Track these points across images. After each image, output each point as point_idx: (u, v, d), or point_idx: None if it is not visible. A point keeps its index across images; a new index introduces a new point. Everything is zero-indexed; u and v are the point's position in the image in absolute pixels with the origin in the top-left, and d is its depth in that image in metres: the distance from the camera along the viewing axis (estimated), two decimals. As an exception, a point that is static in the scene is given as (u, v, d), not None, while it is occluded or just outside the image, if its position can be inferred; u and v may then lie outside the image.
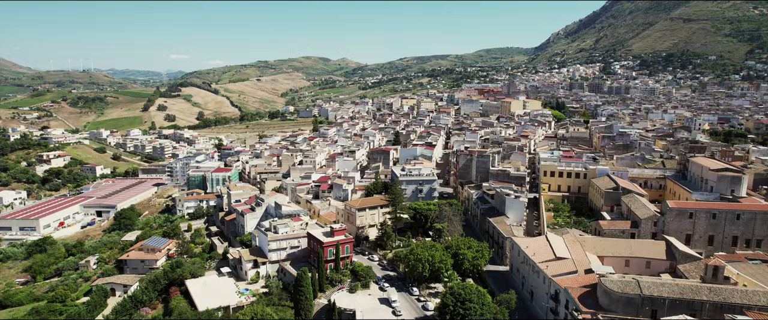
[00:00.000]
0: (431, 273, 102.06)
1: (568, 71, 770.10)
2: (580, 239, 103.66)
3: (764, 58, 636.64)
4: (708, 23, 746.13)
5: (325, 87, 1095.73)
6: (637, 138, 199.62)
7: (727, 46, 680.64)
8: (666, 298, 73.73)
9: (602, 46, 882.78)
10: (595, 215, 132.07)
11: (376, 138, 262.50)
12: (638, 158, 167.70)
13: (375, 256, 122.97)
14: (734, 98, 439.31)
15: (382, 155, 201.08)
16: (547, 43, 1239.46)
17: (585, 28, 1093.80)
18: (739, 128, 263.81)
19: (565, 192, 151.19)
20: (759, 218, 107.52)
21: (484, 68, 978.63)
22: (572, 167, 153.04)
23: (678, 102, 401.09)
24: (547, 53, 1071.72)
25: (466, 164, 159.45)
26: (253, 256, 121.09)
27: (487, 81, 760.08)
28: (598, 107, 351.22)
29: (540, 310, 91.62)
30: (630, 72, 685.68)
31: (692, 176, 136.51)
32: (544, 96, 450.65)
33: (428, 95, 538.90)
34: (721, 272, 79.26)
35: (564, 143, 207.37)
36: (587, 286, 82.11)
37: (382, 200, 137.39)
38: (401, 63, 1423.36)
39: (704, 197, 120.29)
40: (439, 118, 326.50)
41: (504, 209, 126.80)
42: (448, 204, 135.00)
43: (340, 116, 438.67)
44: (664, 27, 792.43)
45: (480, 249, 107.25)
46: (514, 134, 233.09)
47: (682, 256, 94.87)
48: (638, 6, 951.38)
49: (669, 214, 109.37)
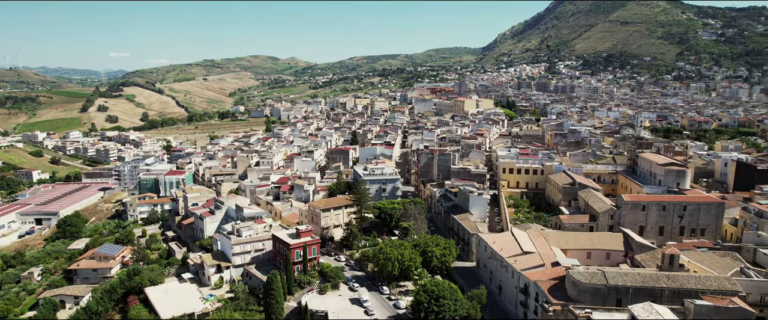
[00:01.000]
0: (401, 272, 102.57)
1: (515, 71, 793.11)
2: (543, 233, 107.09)
3: (692, 59, 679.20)
4: (642, 26, 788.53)
5: (275, 86, 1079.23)
6: (587, 135, 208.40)
7: (659, 48, 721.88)
8: (630, 287, 77.41)
9: (547, 46, 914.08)
10: (554, 210, 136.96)
11: (332, 138, 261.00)
12: (590, 155, 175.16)
13: (342, 257, 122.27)
14: (668, 96, 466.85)
15: (341, 155, 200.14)
16: (494, 44, 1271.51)
17: (530, 29, 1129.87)
18: (676, 124, 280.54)
19: (523, 188, 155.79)
20: (703, 209, 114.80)
21: (434, 68, 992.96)
22: (530, 164, 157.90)
23: (619, 100, 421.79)
24: (494, 53, 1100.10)
25: (427, 162, 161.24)
26: (216, 261, 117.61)
27: (437, 80, 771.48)
28: (547, 105, 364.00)
29: (509, 304, 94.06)
30: (574, 72, 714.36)
31: (641, 171, 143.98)
32: (495, 95, 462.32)
33: (381, 95, 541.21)
34: (676, 260, 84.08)
35: (518, 141, 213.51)
36: (555, 279, 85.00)
37: (346, 200, 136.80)
38: (351, 62, 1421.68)
39: (654, 191, 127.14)
40: (395, 117, 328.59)
41: (468, 206, 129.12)
42: (412, 203, 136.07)
43: (293, 115, 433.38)
44: (603, 29, 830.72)
45: (447, 246, 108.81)
46: (469, 133, 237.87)
47: (638, 247, 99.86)
48: (580, 8, 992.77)
49: (624, 207, 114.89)
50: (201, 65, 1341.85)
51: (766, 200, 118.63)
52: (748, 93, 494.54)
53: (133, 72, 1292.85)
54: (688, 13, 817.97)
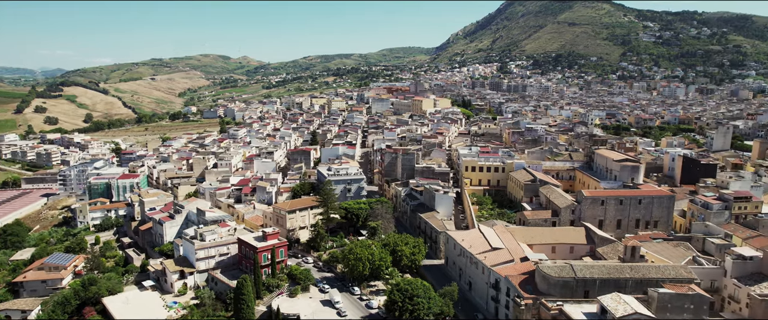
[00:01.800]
0: (371, 272, 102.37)
1: (469, 70, 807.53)
2: (509, 229, 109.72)
3: (634, 60, 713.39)
4: (588, 27, 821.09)
5: (227, 86, 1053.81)
6: (543, 133, 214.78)
7: (605, 49, 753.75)
8: (597, 279, 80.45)
9: (498, 46, 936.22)
10: (516, 206, 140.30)
11: (291, 139, 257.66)
12: (547, 152, 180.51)
13: (309, 258, 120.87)
14: (615, 95, 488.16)
15: (302, 156, 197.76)
16: (447, 43, 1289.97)
17: (482, 30, 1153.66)
18: (624, 122, 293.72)
19: (485, 186, 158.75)
20: (656, 202, 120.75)
21: (389, 67, 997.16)
22: (491, 162, 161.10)
23: (570, 99, 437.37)
24: (447, 53, 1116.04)
25: (391, 162, 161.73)
26: (179, 267, 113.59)
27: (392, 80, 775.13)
28: (502, 104, 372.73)
29: (480, 299, 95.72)
30: (525, 71, 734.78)
31: (598, 167, 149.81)
32: (450, 94, 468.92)
33: (337, 94, 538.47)
34: (637, 251, 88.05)
35: (477, 139, 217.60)
36: (525, 273, 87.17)
37: (312, 201, 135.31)
38: (305, 62, 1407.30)
39: (610, 186, 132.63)
40: (353, 117, 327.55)
41: (434, 204, 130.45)
42: (379, 202, 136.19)
43: (248, 116, 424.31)
44: (552, 30, 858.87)
45: (417, 244, 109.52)
46: (429, 132, 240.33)
47: (600, 240, 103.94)
48: (529, 9, 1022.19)
49: (584, 202, 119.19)
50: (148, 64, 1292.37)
51: (710, 193, 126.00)
52: (685, 92, 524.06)
53: (74, 71, 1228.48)
54: (629, 16, 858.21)
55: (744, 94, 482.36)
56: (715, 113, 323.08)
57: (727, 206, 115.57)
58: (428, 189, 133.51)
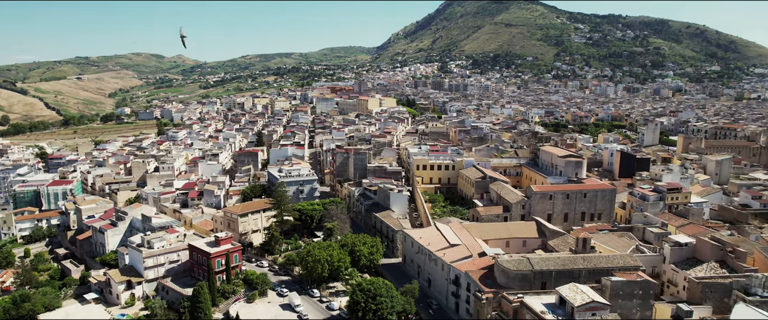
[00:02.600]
0: (330, 273, 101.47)
1: (410, 70, 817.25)
2: (465, 225, 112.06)
3: (567, 60, 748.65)
4: (524, 28, 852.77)
5: (161, 86, 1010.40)
6: (488, 131, 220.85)
7: (540, 49, 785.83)
8: (553, 270, 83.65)
9: (439, 46, 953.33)
10: (467, 203, 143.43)
11: (236, 140, 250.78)
12: (493, 149, 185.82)
13: (264, 262, 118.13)
14: (551, 93, 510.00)
15: (249, 157, 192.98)
16: (388, 43, 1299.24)
17: (422, 30, 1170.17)
18: (562, 119, 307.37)
19: (436, 184, 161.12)
20: (599, 196, 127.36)
21: (330, 67, 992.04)
22: (441, 160, 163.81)
23: (509, 98, 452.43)
24: (388, 53, 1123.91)
25: (343, 162, 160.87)
26: (125, 276, 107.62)
27: (334, 79, 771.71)
28: (446, 103, 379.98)
29: (440, 296, 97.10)
30: (465, 71, 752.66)
31: (543, 163, 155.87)
32: (394, 94, 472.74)
33: (280, 94, 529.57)
34: (588, 243, 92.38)
35: (426, 138, 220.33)
36: (484, 268, 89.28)
37: (265, 203, 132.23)
38: (244, 61, 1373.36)
39: (557, 181, 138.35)
40: (298, 117, 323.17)
41: (389, 203, 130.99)
42: (332, 203, 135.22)
43: (188, 117, 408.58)
44: (490, 30, 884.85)
45: (374, 244, 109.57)
46: (377, 131, 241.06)
47: (550, 233, 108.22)
48: (467, 10, 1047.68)
49: (534, 197, 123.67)
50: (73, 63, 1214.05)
51: (646, 185, 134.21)
52: (614, 91, 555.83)
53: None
54: (561, 18, 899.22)
55: (665, 92, 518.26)
56: (642, 111, 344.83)
57: (662, 197, 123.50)
58: (382, 188, 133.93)
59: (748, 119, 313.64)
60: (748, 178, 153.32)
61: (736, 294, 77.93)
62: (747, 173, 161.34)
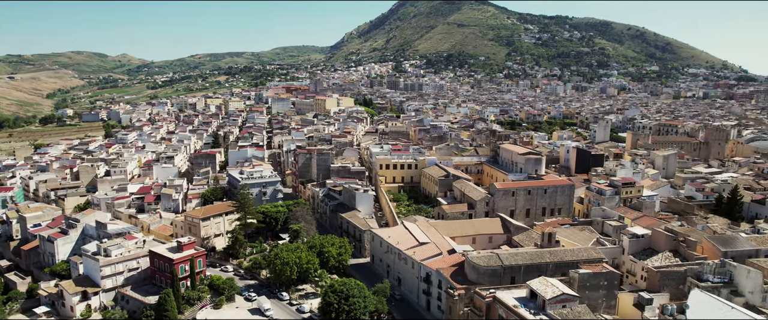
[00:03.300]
0: (299, 276, 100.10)
1: (365, 70, 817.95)
2: (432, 224, 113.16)
3: (518, 60, 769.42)
4: (476, 29, 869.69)
5: (106, 86, 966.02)
6: (447, 130, 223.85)
7: (491, 49, 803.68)
8: (521, 265, 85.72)
9: (392, 46, 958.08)
10: (431, 201, 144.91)
11: (191, 142, 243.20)
12: (453, 148, 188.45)
13: (229, 267, 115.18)
14: (504, 92, 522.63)
15: (207, 160, 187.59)
16: (341, 43, 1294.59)
17: (376, 29, 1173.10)
18: (516, 117, 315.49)
19: (399, 183, 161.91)
20: (559, 191, 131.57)
21: (284, 66, 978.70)
22: (404, 159, 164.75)
23: (464, 97, 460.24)
24: (342, 52, 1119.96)
25: (305, 162, 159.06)
26: (80, 287, 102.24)
27: (288, 79, 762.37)
28: (403, 102, 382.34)
29: (411, 294, 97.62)
30: (419, 70, 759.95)
31: (503, 161, 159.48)
32: (350, 93, 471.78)
33: (233, 94, 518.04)
34: (553, 237, 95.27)
35: (386, 138, 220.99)
36: (454, 265, 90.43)
37: (228, 206, 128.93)
38: (193, 60, 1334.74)
39: (517, 178, 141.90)
40: (254, 117, 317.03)
41: (354, 203, 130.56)
42: (297, 204, 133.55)
43: (137, 118, 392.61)
44: (443, 30, 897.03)
45: (342, 244, 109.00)
46: (337, 131, 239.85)
47: (515, 229, 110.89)
48: (420, 10, 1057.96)
49: (497, 194, 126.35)
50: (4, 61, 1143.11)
51: (602, 180, 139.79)
52: (564, 89, 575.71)
53: None
54: (512, 19, 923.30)
55: (611, 91, 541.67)
56: (591, 109, 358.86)
57: (617, 191, 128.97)
58: (348, 188, 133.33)
59: (686, 116, 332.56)
60: (692, 172, 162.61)
61: (691, 280, 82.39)
62: (690, 167, 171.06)
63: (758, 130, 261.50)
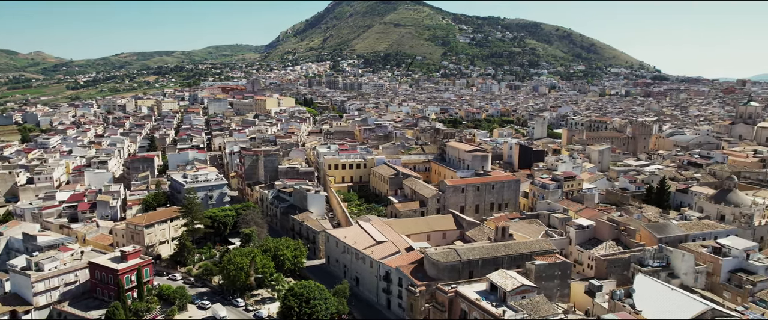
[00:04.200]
0: (255, 280, 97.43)
1: (302, 69, 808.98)
2: (386, 222, 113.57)
3: (454, 59, 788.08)
4: (412, 29, 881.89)
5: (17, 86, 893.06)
6: (392, 129, 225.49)
7: (428, 49, 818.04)
8: (479, 259, 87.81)
9: (330, 45, 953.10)
10: (382, 200, 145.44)
11: (124, 145, 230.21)
12: (399, 147, 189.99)
13: (177, 275, 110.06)
14: (442, 91, 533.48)
15: (145, 164, 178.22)
16: (277, 42, 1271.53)
17: (312, 28, 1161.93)
18: (456, 115, 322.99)
19: (349, 183, 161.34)
20: (505, 187, 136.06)
21: (217, 66, 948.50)
22: (352, 158, 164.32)
23: (404, 96, 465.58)
24: (278, 51, 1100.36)
25: (252, 164, 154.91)
26: (8, 306, 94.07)
27: (223, 79, 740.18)
28: (344, 102, 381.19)
29: (370, 293, 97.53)
30: (357, 70, 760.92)
31: (450, 158, 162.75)
32: (289, 93, 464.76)
33: (166, 95, 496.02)
34: (507, 231, 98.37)
35: (331, 137, 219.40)
36: (413, 262, 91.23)
37: (173, 212, 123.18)
38: (118, 59, 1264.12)
39: (465, 174, 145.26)
40: (190, 119, 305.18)
41: (306, 204, 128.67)
42: (246, 207, 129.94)
43: (59, 121, 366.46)
44: (380, 30, 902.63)
45: (297, 246, 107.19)
46: (280, 132, 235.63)
47: (467, 224, 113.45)
48: (357, 10, 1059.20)
49: (447, 191, 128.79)
50: None
51: (545, 175, 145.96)
52: (498, 88, 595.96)
53: None
54: (447, 19, 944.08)
55: (542, 89, 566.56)
56: (526, 107, 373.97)
57: (560, 185, 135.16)
58: (299, 190, 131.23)
59: (612, 112, 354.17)
60: (624, 165, 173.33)
61: (634, 266, 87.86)
62: (622, 160, 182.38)
63: (675, 125, 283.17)
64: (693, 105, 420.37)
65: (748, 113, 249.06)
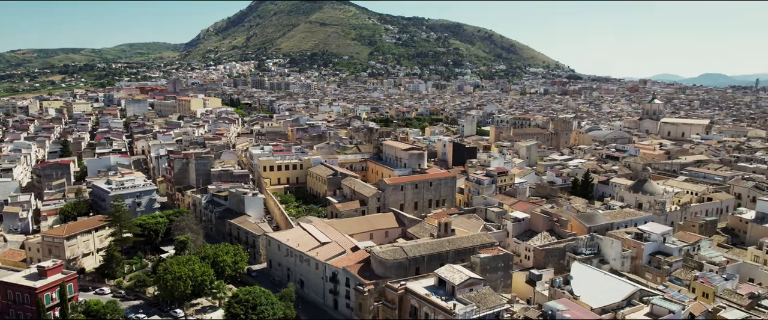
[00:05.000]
0: (194, 289, 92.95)
1: (226, 68, 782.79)
2: (329, 223, 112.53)
3: (380, 59, 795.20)
4: (339, 28, 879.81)
5: None
6: (325, 129, 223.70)
7: (355, 49, 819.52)
8: (425, 255, 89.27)
9: (254, 44, 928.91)
10: (320, 200, 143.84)
11: (31, 151, 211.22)
12: (334, 146, 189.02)
13: (105, 288, 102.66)
14: (370, 91, 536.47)
15: (59, 170, 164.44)
16: (197, 40, 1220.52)
17: (235, 26, 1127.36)
18: (386, 114, 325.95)
19: (285, 184, 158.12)
20: (442, 184, 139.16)
21: (133, 65, 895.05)
22: (288, 159, 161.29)
23: (334, 95, 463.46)
24: (199, 50, 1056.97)
25: (182, 168, 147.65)
26: None
27: (139, 79, 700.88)
28: (273, 102, 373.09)
29: (316, 296, 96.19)
30: (283, 69, 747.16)
31: (387, 157, 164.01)
32: (214, 93, 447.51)
33: (77, 95, 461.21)
34: (449, 227, 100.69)
35: (263, 138, 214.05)
36: (360, 262, 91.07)
37: (98, 221, 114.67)
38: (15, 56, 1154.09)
39: (403, 172, 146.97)
40: (107, 121, 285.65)
41: (243, 208, 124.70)
42: (179, 213, 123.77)
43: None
44: (305, 29, 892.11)
45: (237, 252, 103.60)
46: (208, 134, 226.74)
47: (408, 221, 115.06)
48: (281, 8, 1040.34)
49: (387, 189, 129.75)
50: None
51: (479, 171, 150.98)
52: (425, 87, 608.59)
53: None
54: (373, 19, 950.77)
55: (467, 89, 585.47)
56: (453, 105, 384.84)
57: (494, 180, 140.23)
58: (235, 193, 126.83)
59: (534, 110, 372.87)
60: (550, 159, 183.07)
61: (569, 255, 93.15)
62: (547, 155, 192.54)
63: (591, 121, 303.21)
64: (605, 102, 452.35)
65: (652, 109, 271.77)
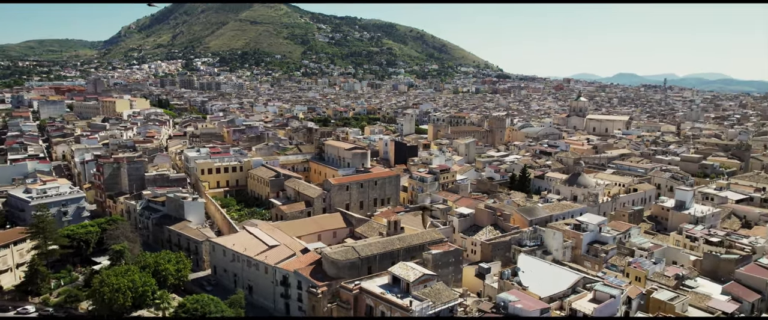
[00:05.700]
0: (134, 301, 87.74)
1: (151, 68, 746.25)
2: (275, 226, 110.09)
3: (314, 58, 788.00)
4: (270, 26, 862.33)
5: None
6: (263, 130, 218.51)
7: (287, 48, 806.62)
8: (377, 254, 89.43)
9: (180, 42, 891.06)
10: (263, 203, 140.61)
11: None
12: (273, 147, 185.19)
13: (29, 307, 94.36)
14: (305, 90, 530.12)
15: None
16: (118, 37, 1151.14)
17: (159, 24, 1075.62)
18: (324, 114, 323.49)
19: (225, 187, 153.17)
20: (387, 182, 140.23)
21: (44, 63, 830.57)
22: (227, 162, 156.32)
23: (268, 95, 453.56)
24: (120, 48, 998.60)
25: (113, 173, 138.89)
26: None
27: (53, 78, 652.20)
28: (206, 102, 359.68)
29: (266, 301, 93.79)
30: (212, 68, 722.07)
31: (330, 157, 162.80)
32: (139, 94, 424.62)
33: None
34: (399, 225, 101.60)
35: (197, 140, 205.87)
36: (311, 264, 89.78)
37: (18, 233, 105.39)
38: None
39: (347, 172, 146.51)
40: (18, 124, 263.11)
41: (183, 213, 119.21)
42: (113, 221, 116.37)
43: None
44: (235, 27, 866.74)
45: (180, 259, 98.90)
46: (138, 136, 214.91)
47: (356, 221, 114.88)
48: (209, 5, 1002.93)
49: (333, 190, 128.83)
50: None
51: (422, 169, 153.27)
52: (360, 87, 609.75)
53: None
54: (305, 18, 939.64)
55: (402, 88, 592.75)
56: (390, 104, 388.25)
57: (436, 178, 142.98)
58: (174, 198, 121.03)
59: (467, 108, 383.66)
60: (487, 156, 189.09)
61: (514, 247, 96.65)
62: (485, 152, 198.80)
63: (522, 118, 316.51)
64: (533, 100, 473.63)
65: (578, 107, 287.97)
